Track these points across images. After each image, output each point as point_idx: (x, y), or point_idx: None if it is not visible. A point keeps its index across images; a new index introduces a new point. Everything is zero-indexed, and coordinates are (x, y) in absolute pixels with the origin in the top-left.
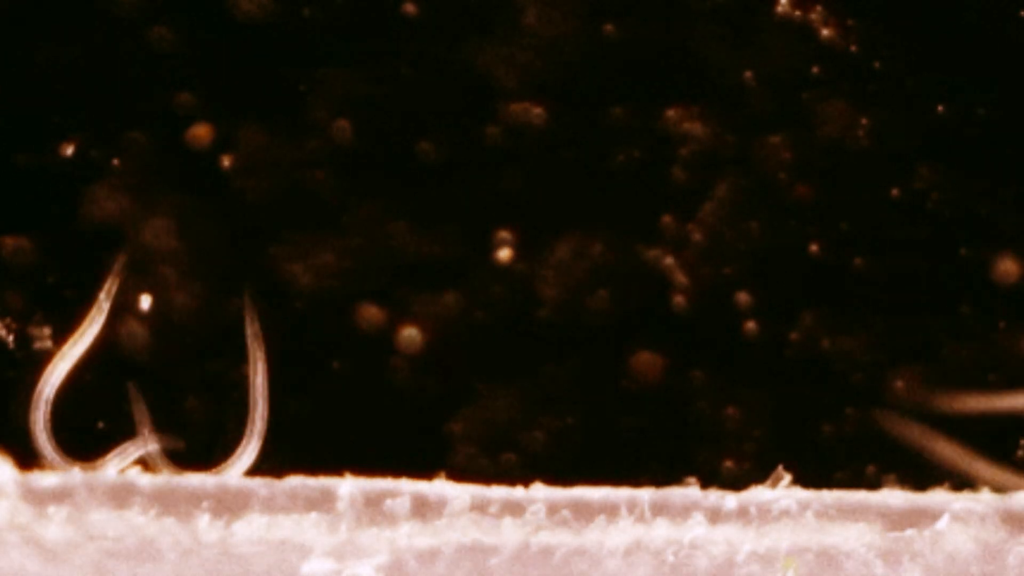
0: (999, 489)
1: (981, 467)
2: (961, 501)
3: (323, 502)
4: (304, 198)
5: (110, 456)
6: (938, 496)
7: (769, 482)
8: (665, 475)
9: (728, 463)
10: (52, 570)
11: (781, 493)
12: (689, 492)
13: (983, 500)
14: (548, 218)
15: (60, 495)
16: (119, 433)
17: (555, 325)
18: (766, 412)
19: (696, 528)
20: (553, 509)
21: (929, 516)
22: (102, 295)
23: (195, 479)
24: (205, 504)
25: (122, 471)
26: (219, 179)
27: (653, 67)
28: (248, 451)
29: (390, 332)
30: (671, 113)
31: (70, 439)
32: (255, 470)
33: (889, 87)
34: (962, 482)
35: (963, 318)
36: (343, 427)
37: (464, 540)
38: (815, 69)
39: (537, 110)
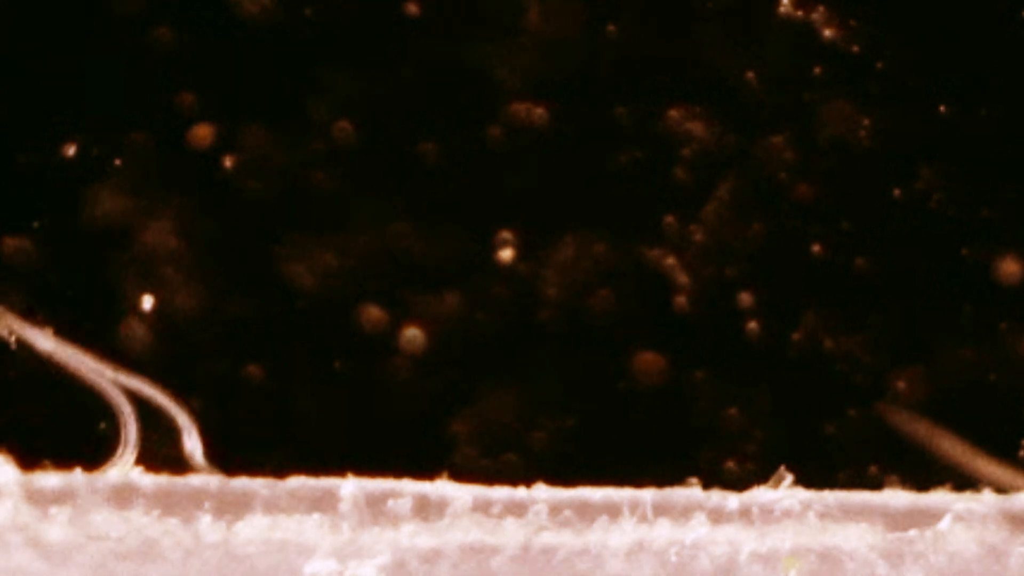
0: (1001, 489)
1: (983, 467)
2: (963, 501)
3: (325, 502)
4: (306, 198)
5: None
6: (940, 496)
7: (771, 482)
8: (667, 475)
9: (730, 463)
10: (54, 570)
11: (783, 493)
12: (691, 492)
13: (985, 500)
14: (550, 218)
15: (62, 496)
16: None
17: (557, 325)
18: (768, 412)
19: (698, 528)
20: (555, 509)
21: (931, 516)
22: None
23: (197, 480)
24: (207, 505)
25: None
26: (220, 179)
27: (655, 67)
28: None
29: (392, 332)
30: (673, 113)
31: (70, 439)
32: (257, 471)
33: (891, 87)
34: (964, 482)
35: (965, 319)
36: (345, 427)
37: (466, 540)
38: (817, 69)
39: (539, 110)
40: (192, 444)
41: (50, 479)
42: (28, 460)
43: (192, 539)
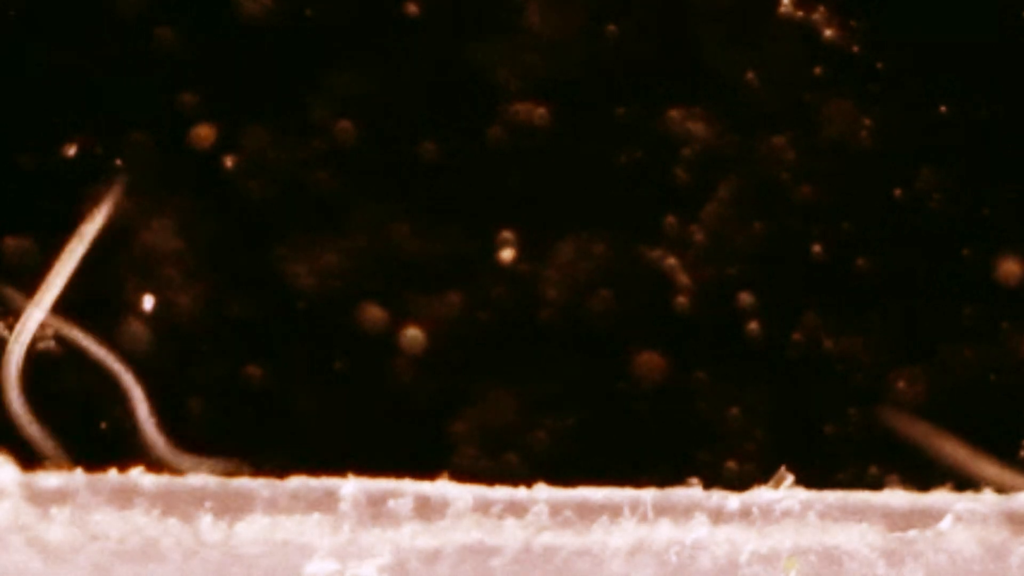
0: (1002, 489)
1: (984, 467)
2: (964, 501)
3: (326, 502)
4: (307, 198)
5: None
6: (941, 496)
7: (772, 482)
8: (668, 475)
9: (730, 463)
10: (55, 571)
11: (784, 493)
12: (692, 492)
13: (986, 500)
14: (551, 218)
15: (63, 496)
16: (119, 433)
17: (558, 325)
18: (768, 412)
19: (699, 528)
20: (556, 510)
21: (932, 516)
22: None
23: (197, 479)
24: (208, 504)
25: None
26: (222, 179)
27: (655, 67)
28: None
29: (393, 332)
30: (674, 113)
31: (70, 439)
32: (257, 471)
33: (891, 87)
34: (965, 482)
35: (965, 319)
36: (346, 427)
37: (467, 541)
38: (817, 69)
39: (540, 110)
40: (144, 415)
41: (50, 479)
42: (28, 460)
43: (192, 539)
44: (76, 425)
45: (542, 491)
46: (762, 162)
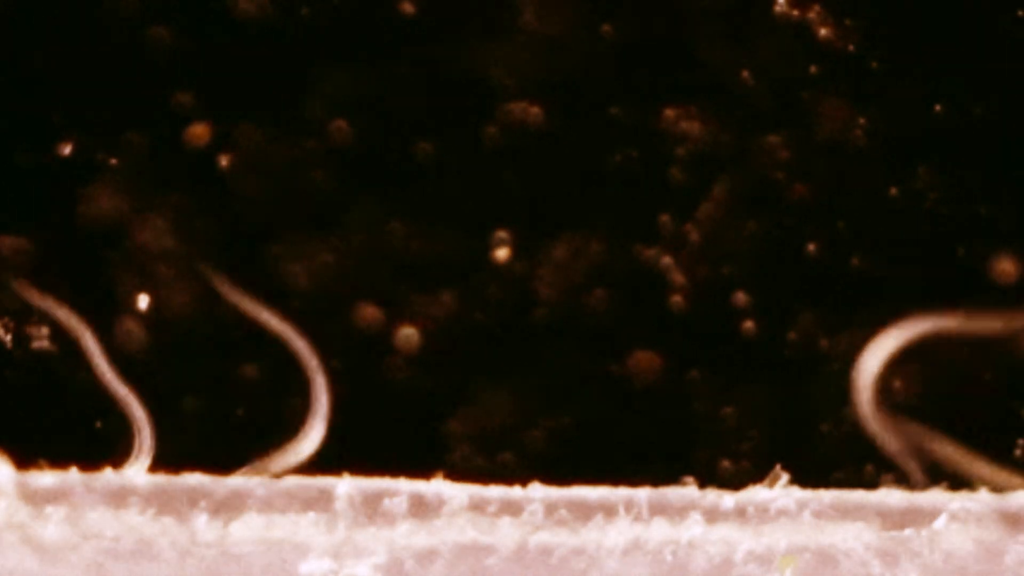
0: (997, 489)
1: (979, 466)
2: (959, 501)
3: (321, 501)
4: (302, 198)
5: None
6: (936, 496)
7: (767, 481)
8: (663, 474)
9: (726, 462)
10: (50, 570)
11: (779, 492)
12: (687, 492)
13: (981, 500)
14: (546, 218)
15: (58, 495)
16: (118, 433)
17: (553, 325)
18: (764, 411)
19: (694, 528)
20: (551, 509)
21: (927, 515)
22: None
23: (193, 479)
24: (203, 504)
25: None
26: (217, 178)
27: (650, 66)
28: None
29: (388, 331)
30: (669, 112)
31: (70, 439)
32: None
33: (887, 86)
34: (960, 482)
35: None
36: (341, 426)
37: (462, 540)
38: (813, 68)
39: (534, 110)
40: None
41: (46, 478)
42: (24, 459)
43: (188, 538)
44: (72, 424)
45: (537, 490)
46: (757, 161)
